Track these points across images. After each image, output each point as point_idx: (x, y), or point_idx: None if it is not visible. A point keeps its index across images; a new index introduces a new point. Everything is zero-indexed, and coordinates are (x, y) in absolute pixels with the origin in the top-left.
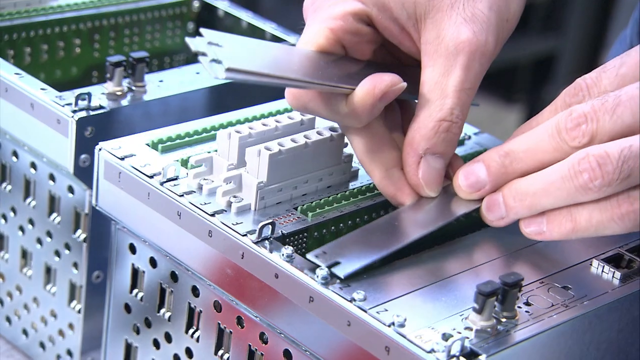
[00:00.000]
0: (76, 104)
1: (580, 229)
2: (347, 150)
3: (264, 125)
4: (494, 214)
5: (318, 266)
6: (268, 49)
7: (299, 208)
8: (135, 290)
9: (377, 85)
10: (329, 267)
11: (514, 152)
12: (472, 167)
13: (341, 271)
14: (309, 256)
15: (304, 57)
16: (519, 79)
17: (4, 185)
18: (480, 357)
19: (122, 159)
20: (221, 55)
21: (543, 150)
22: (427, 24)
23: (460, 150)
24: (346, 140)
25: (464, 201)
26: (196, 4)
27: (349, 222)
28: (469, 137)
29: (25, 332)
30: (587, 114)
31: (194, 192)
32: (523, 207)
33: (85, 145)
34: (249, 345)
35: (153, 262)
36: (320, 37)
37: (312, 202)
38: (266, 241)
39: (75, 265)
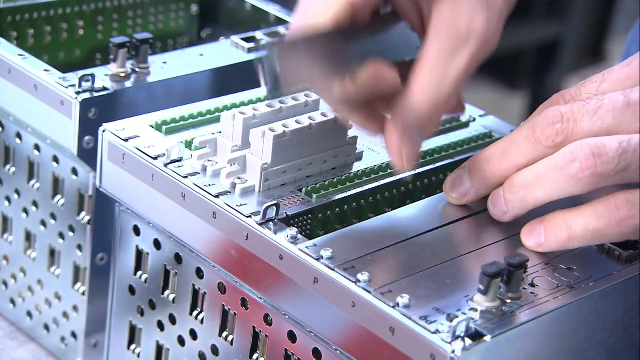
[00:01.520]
0: (80, 85)
1: (576, 237)
2: (352, 132)
3: (268, 106)
4: (497, 208)
5: (322, 248)
6: None
7: (303, 190)
8: (139, 272)
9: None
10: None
11: (493, 156)
12: (457, 175)
13: None
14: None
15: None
16: (522, 65)
17: (7, 167)
18: (485, 338)
19: (126, 140)
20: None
21: (518, 152)
22: (444, 2)
23: (465, 133)
24: (351, 122)
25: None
26: None
27: (354, 204)
28: (474, 120)
29: (29, 314)
30: (564, 114)
31: (198, 173)
32: (517, 200)
33: (89, 126)
34: (254, 327)
35: (157, 244)
36: (337, 7)
37: (316, 184)
38: (270, 223)
39: (80, 247)
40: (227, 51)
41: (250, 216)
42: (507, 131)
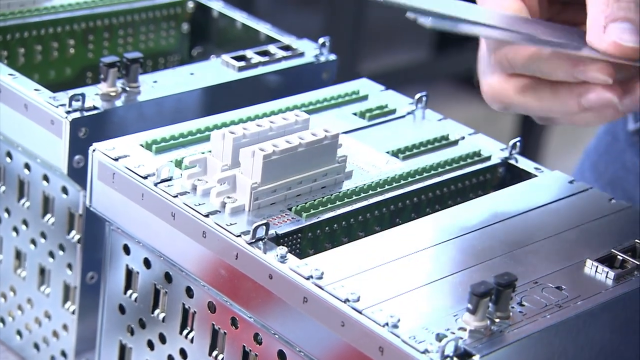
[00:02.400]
0: (70, 104)
1: None
2: (341, 150)
3: (258, 125)
4: None
5: (312, 267)
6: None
7: (293, 208)
8: (129, 291)
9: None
10: None
11: None
12: None
13: None
14: None
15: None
16: None
17: None
18: (473, 358)
19: (116, 159)
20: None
21: None
22: None
23: (454, 151)
24: (340, 140)
25: None
26: (190, 5)
27: (343, 222)
28: (463, 138)
29: (19, 333)
30: None
31: (188, 192)
32: None
33: (79, 146)
34: (243, 346)
35: (147, 263)
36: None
37: (306, 203)
38: (260, 242)
39: (70, 266)
40: (217, 70)
41: (240, 235)
42: (496, 150)
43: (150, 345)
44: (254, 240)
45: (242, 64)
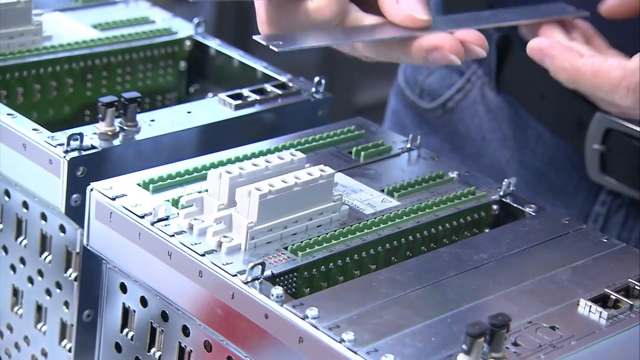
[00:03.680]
0: (68, 144)
1: None
2: (337, 189)
3: (254, 165)
4: None
5: (308, 307)
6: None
7: (289, 247)
8: (125, 330)
9: None
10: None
11: None
12: None
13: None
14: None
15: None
16: None
17: None
18: None
19: (114, 199)
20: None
21: None
22: None
23: (448, 189)
24: (335, 179)
25: None
26: (188, 43)
27: (339, 261)
28: (458, 176)
29: None
30: None
31: (185, 232)
32: None
33: (76, 185)
34: None
35: (144, 302)
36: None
37: (301, 242)
38: (256, 281)
39: (66, 304)
40: (214, 108)
41: (236, 275)
42: (490, 188)
43: None
44: (250, 280)
45: (239, 102)
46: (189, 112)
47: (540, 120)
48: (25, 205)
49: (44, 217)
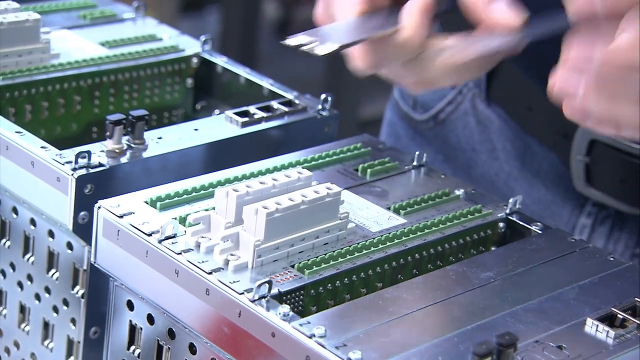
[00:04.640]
0: (76, 162)
1: None
2: (343, 207)
3: (261, 183)
4: None
5: (315, 326)
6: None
7: (295, 265)
8: (132, 347)
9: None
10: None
11: None
12: None
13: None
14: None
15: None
16: None
17: (3, 241)
18: None
19: (121, 217)
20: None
21: None
22: None
23: (455, 206)
24: (342, 197)
25: None
26: (195, 60)
27: (345, 279)
28: (465, 194)
29: None
30: None
31: (192, 250)
32: None
33: (84, 202)
34: None
35: (150, 319)
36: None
37: (308, 260)
38: (263, 300)
39: (73, 321)
40: (221, 125)
41: (242, 293)
42: (497, 206)
43: None
44: (256, 298)
45: (246, 119)
46: (196, 130)
47: (528, 132)
48: (32, 222)
49: (51, 234)
